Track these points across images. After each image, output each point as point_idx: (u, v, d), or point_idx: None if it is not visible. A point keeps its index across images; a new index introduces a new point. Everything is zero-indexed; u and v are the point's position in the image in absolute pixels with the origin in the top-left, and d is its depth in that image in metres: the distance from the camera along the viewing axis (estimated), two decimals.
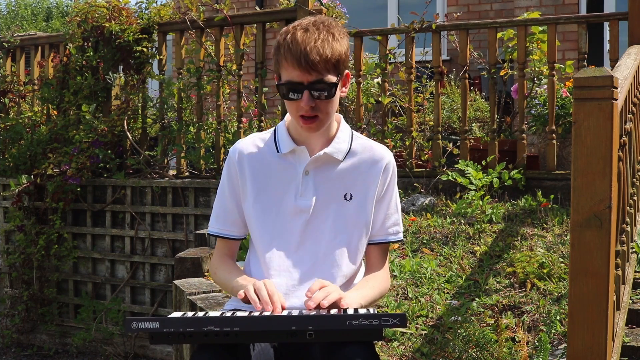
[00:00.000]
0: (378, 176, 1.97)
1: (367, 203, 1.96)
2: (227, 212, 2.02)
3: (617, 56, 4.25)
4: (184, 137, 5.26)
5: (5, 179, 5.69)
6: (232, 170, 1.99)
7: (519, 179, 4.41)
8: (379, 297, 2.02)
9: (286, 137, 1.97)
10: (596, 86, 1.92)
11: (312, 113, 1.85)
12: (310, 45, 1.80)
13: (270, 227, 1.96)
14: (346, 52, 1.89)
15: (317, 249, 1.95)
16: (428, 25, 4.77)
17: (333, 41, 1.84)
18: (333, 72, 1.85)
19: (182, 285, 3.61)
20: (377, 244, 2.03)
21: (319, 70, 1.81)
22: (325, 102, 1.86)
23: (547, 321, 2.92)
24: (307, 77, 1.82)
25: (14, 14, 20.14)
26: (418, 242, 3.89)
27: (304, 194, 1.94)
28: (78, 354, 5.34)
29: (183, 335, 1.62)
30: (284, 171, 1.96)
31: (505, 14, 7.45)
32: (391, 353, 2.83)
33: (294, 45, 1.80)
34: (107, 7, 5.38)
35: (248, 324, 1.62)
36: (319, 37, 1.82)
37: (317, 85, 1.83)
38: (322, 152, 1.94)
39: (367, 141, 2.02)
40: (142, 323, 1.61)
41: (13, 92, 6.07)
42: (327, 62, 1.82)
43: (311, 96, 1.83)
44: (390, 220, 2.02)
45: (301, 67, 1.80)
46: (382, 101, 4.92)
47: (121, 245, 5.35)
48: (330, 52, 1.82)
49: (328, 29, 1.85)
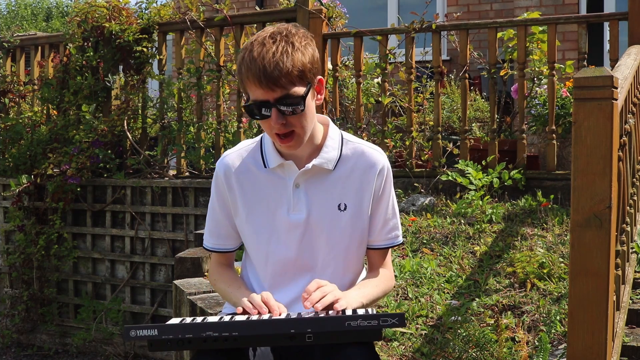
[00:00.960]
0: (372, 182, 1.90)
1: (362, 211, 1.91)
2: (219, 227, 1.99)
3: (617, 56, 4.25)
4: (184, 137, 5.26)
5: (5, 179, 5.69)
6: (220, 186, 1.94)
7: (519, 179, 4.41)
8: (382, 295, 1.99)
9: (272, 150, 1.89)
10: (596, 86, 1.92)
11: (286, 129, 1.77)
12: (268, 60, 1.70)
13: (265, 245, 1.92)
14: (311, 59, 1.77)
15: (314, 263, 1.91)
16: (428, 25, 4.77)
17: (293, 51, 1.73)
18: (299, 83, 1.75)
19: (182, 285, 3.61)
20: (378, 249, 2.00)
21: (282, 85, 1.72)
22: (297, 117, 1.77)
23: (547, 321, 2.92)
24: (272, 94, 1.73)
25: (14, 14, 20.14)
26: (418, 242, 3.89)
27: (296, 208, 1.88)
28: (78, 354, 5.34)
29: (182, 341, 1.61)
30: (273, 186, 1.90)
31: (505, 14, 7.45)
32: (391, 353, 2.83)
33: (252, 62, 1.71)
34: (107, 7, 5.38)
35: (246, 329, 1.61)
36: (277, 49, 1.72)
37: (284, 101, 1.74)
38: (311, 165, 1.87)
39: (358, 145, 1.93)
40: (141, 331, 1.60)
41: (13, 92, 6.08)
42: (289, 75, 1.72)
43: (280, 113, 1.74)
44: (389, 225, 1.97)
45: (262, 85, 1.71)
46: (382, 101, 4.92)
47: (121, 245, 5.35)
48: (291, 64, 1.71)
49: (287, 38, 1.74)
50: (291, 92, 1.74)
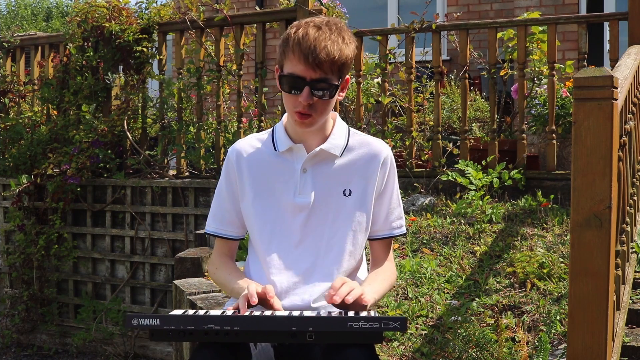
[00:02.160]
0: (376, 171, 1.97)
1: (366, 198, 1.97)
2: (224, 212, 2.03)
3: (617, 56, 4.25)
4: (184, 137, 5.26)
5: (5, 179, 5.69)
6: (231, 171, 2.00)
7: (519, 179, 4.41)
8: (389, 289, 2.05)
9: (283, 135, 1.98)
10: (596, 86, 1.92)
11: (308, 111, 1.86)
12: (321, 44, 1.80)
13: (270, 226, 1.96)
14: (352, 57, 1.88)
15: (317, 246, 1.95)
16: (428, 25, 4.77)
17: (342, 44, 1.84)
18: (336, 74, 1.85)
19: (182, 285, 3.61)
20: (382, 239, 2.04)
21: (323, 70, 1.82)
22: (323, 102, 1.86)
23: (547, 321, 2.92)
24: (311, 73, 1.82)
25: (14, 14, 20.14)
26: (418, 242, 3.89)
27: (302, 191, 1.94)
28: (78, 354, 5.34)
29: (183, 332, 1.62)
30: (281, 169, 1.97)
31: (505, 14, 7.45)
32: (391, 353, 2.83)
33: (305, 40, 1.80)
34: (107, 7, 5.38)
35: (248, 323, 1.62)
36: (330, 37, 1.82)
37: (319, 84, 1.83)
38: (319, 149, 1.95)
39: (364, 137, 2.02)
40: (143, 320, 1.62)
41: (13, 92, 6.07)
42: (333, 63, 1.82)
43: (311, 93, 1.83)
44: (393, 215, 2.03)
45: (307, 63, 1.80)
46: (382, 101, 4.92)
47: (121, 245, 5.35)
48: (338, 54, 1.82)
49: (340, 31, 1.85)
50: (328, 79, 1.83)
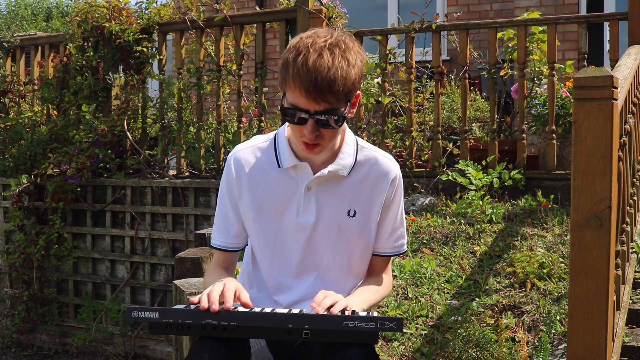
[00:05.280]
0: (384, 191, 1.90)
1: (371, 219, 1.91)
2: (228, 223, 1.96)
3: (617, 56, 4.25)
4: (184, 137, 5.26)
5: (5, 179, 5.69)
6: (230, 180, 1.91)
7: (519, 179, 4.41)
8: (380, 300, 2.00)
9: (287, 150, 1.86)
10: (596, 86, 1.92)
11: (314, 141, 1.74)
12: (322, 75, 1.65)
13: (272, 244, 1.91)
14: (359, 77, 1.73)
15: (319, 265, 1.91)
16: (428, 25, 4.77)
17: (347, 67, 1.68)
18: (343, 101, 1.71)
19: (182, 285, 3.61)
20: (382, 256, 2.00)
21: (327, 101, 1.68)
22: (330, 131, 1.74)
23: (547, 321, 2.92)
24: (315, 106, 1.69)
25: (14, 14, 20.14)
26: (418, 242, 3.89)
27: (305, 210, 1.87)
28: (78, 354, 5.34)
29: (181, 326, 1.64)
30: (284, 186, 1.88)
31: (505, 14, 7.45)
32: (391, 353, 2.83)
33: (304, 70, 1.65)
34: (107, 7, 5.37)
35: (245, 319, 1.64)
36: (333, 64, 1.66)
37: (325, 116, 1.70)
38: (327, 171, 1.85)
39: (372, 152, 1.92)
40: (143, 312, 1.63)
41: (13, 92, 6.07)
42: (337, 94, 1.68)
43: (316, 126, 1.71)
44: (396, 234, 1.97)
45: (309, 96, 1.66)
46: (382, 101, 4.92)
47: (121, 245, 5.35)
48: (343, 83, 1.67)
49: (343, 52, 1.69)
50: (334, 108, 1.70)
